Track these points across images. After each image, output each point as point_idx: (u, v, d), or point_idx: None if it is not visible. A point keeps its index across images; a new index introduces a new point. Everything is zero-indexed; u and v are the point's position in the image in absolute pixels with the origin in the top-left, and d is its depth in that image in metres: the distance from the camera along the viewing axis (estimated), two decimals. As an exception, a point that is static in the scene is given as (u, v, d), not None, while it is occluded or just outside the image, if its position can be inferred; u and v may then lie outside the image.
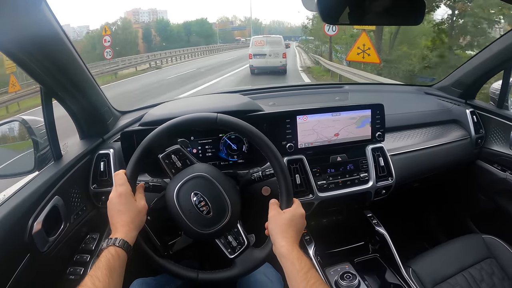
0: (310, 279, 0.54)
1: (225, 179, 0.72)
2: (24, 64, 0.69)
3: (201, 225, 0.67)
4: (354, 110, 0.95)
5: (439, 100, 1.29)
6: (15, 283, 0.61)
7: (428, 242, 1.32)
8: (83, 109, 0.88)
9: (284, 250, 0.59)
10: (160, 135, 0.68)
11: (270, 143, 0.68)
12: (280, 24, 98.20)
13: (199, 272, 0.67)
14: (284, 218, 0.64)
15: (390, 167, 1.00)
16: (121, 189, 0.63)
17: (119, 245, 0.57)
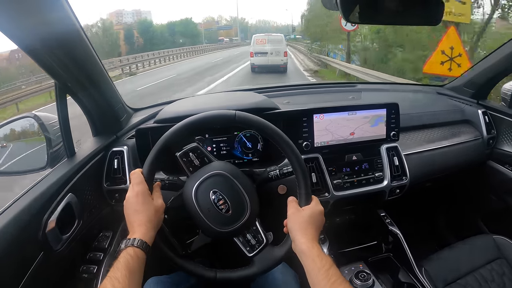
0: (332, 276, 0.53)
1: (243, 177, 0.71)
2: (41, 59, 0.68)
3: (220, 223, 0.66)
4: (370, 109, 0.95)
5: (451, 100, 1.29)
6: (29, 282, 0.61)
7: (439, 242, 1.32)
8: (98, 106, 0.87)
9: (305, 247, 0.58)
10: (179, 132, 0.67)
11: (289, 140, 0.68)
12: (266, 24, 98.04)
13: (218, 271, 0.66)
14: (304, 216, 0.63)
15: (404, 166, 0.99)
16: (138, 188, 0.62)
17: (138, 246, 0.56)
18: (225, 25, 72.79)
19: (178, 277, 0.82)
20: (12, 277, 0.58)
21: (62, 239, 0.71)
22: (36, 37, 0.63)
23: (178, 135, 0.67)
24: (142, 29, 43.65)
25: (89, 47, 0.75)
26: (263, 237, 0.68)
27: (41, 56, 0.67)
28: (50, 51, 0.67)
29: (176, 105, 0.98)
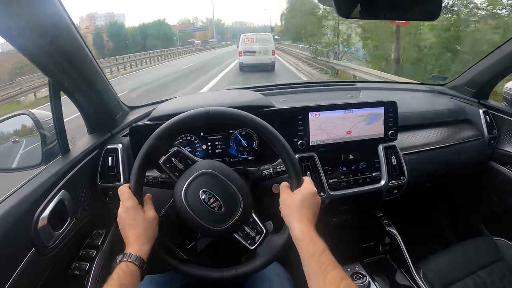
0: (323, 262, 0.52)
1: (230, 172, 0.70)
2: (32, 56, 0.68)
3: (216, 222, 0.65)
4: (367, 108, 0.93)
5: (452, 100, 1.27)
6: (19, 277, 0.60)
7: (438, 243, 1.30)
8: (92, 103, 0.87)
9: (298, 232, 0.58)
10: (158, 139, 0.66)
11: (266, 124, 0.67)
12: (242, 25, 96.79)
13: (224, 270, 0.65)
14: (295, 200, 0.62)
15: (402, 166, 0.98)
16: (128, 203, 0.62)
17: (131, 260, 0.56)
18: (201, 26, 70.07)
19: (171, 276, 0.81)
20: (2, 272, 0.58)
21: (54, 235, 0.71)
22: (28, 36, 0.62)
23: (158, 142, 0.66)
24: (112, 32, 40.68)
25: (81, 44, 0.75)
26: (262, 228, 0.67)
27: (35, 55, 0.67)
28: (43, 50, 0.67)
29: (170, 103, 0.97)
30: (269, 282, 0.76)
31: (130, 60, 15.24)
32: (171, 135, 0.68)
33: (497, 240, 1.05)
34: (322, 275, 0.51)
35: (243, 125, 0.68)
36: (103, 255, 0.85)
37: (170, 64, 16.77)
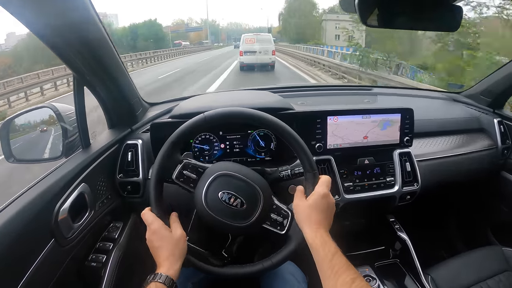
0: (335, 266, 0.53)
1: (240, 167, 0.71)
2: (60, 51, 0.69)
3: (242, 218, 0.66)
4: (384, 114, 0.94)
5: (467, 108, 1.27)
6: (39, 267, 0.62)
7: (446, 251, 1.31)
8: (114, 99, 0.88)
9: (308, 238, 0.59)
10: (164, 159, 0.67)
11: (281, 123, 0.68)
12: (238, 26, 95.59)
13: (263, 262, 0.66)
14: (306, 205, 0.63)
15: (416, 172, 0.98)
16: (154, 226, 0.63)
17: (161, 281, 0.57)
18: (195, 27, 68.60)
19: (187, 271, 0.83)
20: (22, 262, 0.60)
21: (73, 227, 0.72)
22: (57, 31, 0.64)
23: (165, 160, 0.67)
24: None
25: (108, 41, 0.76)
26: (287, 211, 0.68)
27: (62, 50, 0.68)
28: (71, 45, 0.69)
29: (192, 101, 0.98)
30: (284, 281, 0.77)
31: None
32: (177, 149, 0.68)
33: (505, 250, 1.05)
34: (334, 277, 0.52)
35: (249, 121, 0.69)
36: (120, 248, 0.87)
37: (149, 70, 14.42)
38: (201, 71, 11.79)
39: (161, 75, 11.51)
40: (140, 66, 15.87)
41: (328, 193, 0.64)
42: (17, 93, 8.71)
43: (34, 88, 9.41)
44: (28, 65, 15.45)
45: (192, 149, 0.90)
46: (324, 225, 0.61)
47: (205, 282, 0.84)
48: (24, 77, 9.69)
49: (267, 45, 11.10)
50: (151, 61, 18.01)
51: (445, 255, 1.27)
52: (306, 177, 0.67)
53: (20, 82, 9.28)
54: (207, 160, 0.90)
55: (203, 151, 0.90)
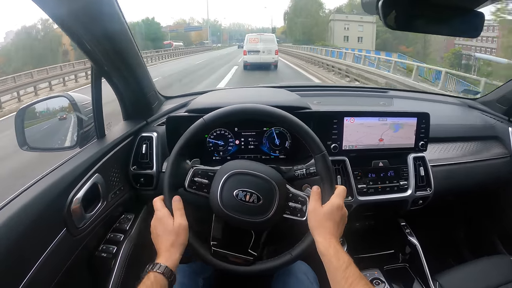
0: (349, 277, 0.53)
1: (250, 163, 0.72)
2: (80, 41, 0.69)
3: (261, 213, 0.66)
4: (401, 117, 0.93)
5: (482, 115, 1.25)
6: (50, 255, 0.62)
7: (454, 258, 1.30)
8: (131, 91, 0.88)
9: (321, 247, 0.59)
10: (175, 162, 0.67)
11: (299, 120, 0.68)
12: (240, 26, 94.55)
13: (292, 251, 0.67)
14: (321, 212, 0.63)
15: (430, 177, 0.98)
16: (159, 213, 0.64)
17: (160, 271, 0.57)
18: (195, 26, 66.18)
19: (197, 266, 0.83)
20: (34, 249, 0.60)
21: (85, 217, 0.72)
22: (80, 22, 0.64)
23: (175, 170, 0.67)
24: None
25: (128, 33, 0.76)
26: (304, 196, 0.69)
27: (81, 39, 0.68)
28: (93, 36, 0.69)
29: (208, 95, 0.98)
30: (298, 280, 0.77)
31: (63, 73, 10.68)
32: (185, 152, 0.69)
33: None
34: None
35: (255, 117, 0.69)
36: (131, 239, 0.87)
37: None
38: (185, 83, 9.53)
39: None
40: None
41: (343, 205, 0.64)
42: (9, 92, 8.51)
43: (29, 87, 9.21)
44: (17, 65, 14.90)
45: (207, 144, 0.89)
46: (336, 236, 0.61)
47: (215, 277, 0.84)
48: (17, 76, 9.50)
49: (270, 45, 11.41)
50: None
51: (453, 262, 1.26)
52: (324, 184, 0.67)
53: (13, 81, 9.09)
54: (221, 156, 0.90)
55: (218, 147, 0.90)
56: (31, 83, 9.45)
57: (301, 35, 36.08)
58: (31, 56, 10.57)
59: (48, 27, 28.23)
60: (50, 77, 10.26)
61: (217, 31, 75.83)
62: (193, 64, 14.86)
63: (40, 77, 10.10)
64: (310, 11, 37.39)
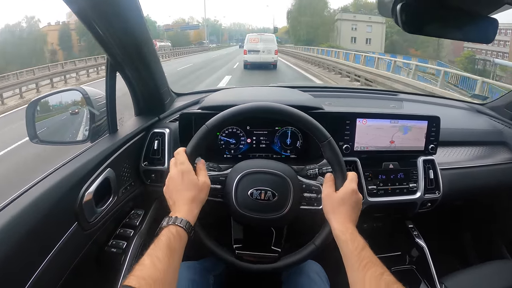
0: (364, 259, 0.53)
1: (258, 161, 0.72)
2: (98, 34, 0.69)
3: (278, 209, 0.66)
4: (412, 120, 0.94)
5: (491, 120, 1.26)
6: (61, 249, 0.62)
7: (460, 261, 1.31)
8: (145, 86, 0.88)
9: (338, 232, 0.59)
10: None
11: (305, 115, 0.68)
12: (240, 26, 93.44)
13: (315, 240, 0.67)
14: (336, 198, 0.63)
15: (439, 180, 0.98)
16: (183, 167, 0.61)
17: (181, 225, 0.55)
18: (192, 25, 62.71)
19: (208, 263, 0.83)
20: (46, 242, 0.60)
21: (96, 211, 0.72)
22: (98, 13, 0.64)
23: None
24: (82, 28, 30.60)
25: (146, 28, 0.76)
26: (317, 185, 0.69)
27: (100, 32, 0.68)
28: (110, 27, 0.69)
29: (222, 93, 0.98)
30: (310, 279, 0.77)
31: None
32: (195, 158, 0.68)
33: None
34: (362, 271, 0.52)
35: (258, 114, 0.69)
36: (141, 235, 0.87)
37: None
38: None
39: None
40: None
41: (357, 190, 0.64)
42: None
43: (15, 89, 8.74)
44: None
45: (218, 141, 0.89)
46: (352, 219, 0.61)
47: (226, 274, 0.84)
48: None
49: (270, 45, 11.66)
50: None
51: (458, 265, 1.27)
52: (335, 171, 0.67)
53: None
54: (232, 154, 0.90)
55: (229, 145, 0.90)
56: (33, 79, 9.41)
57: (305, 35, 34.11)
58: (16, 55, 10.25)
59: (33, 25, 27.70)
60: (51, 74, 10.19)
61: (217, 30, 74.25)
62: (174, 72, 12.09)
63: (42, 74, 10.04)
64: (316, 10, 35.03)
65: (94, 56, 12.91)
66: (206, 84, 9.17)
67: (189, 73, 11.64)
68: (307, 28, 34.74)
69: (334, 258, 0.67)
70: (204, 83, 9.29)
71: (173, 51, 27.14)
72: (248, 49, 11.71)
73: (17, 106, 7.67)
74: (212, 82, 9.51)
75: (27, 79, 9.37)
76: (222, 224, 0.73)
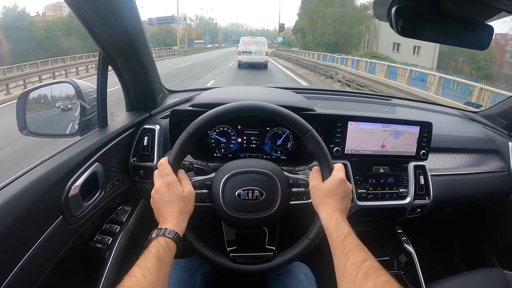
0: (346, 246, 0.53)
1: (242, 160, 0.72)
2: (91, 26, 0.69)
3: (268, 207, 0.66)
4: (404, 125, 0.94)
5: (483, 128, 1.27)
6: (44, 242, 0.61)
7: (447, 268, 1.31)
8: (137, 81, 0.87)
9: (324, 222, 0.60)
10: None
11: (288, 111, 0.67)
12: (239, 27, 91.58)
13: (308, 234, 0.66)
14: (323, 188, 0.63)
15: (429, 186, 0.98)
16: (168, 179, 0.61)
17: (170, 236, 0.55)
18: (188, 24, 56.60)
19: (195, 262, 0.82)
20: (29, 235, 0.59)
21: (82, 206, 0.71)
22: (92, 6, 0.64)
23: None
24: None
25: (139, 22, 0.76)
26: (305, 179, 0.69)
27: (92, 24, 0.68)
28: (105, 22, 0.68)
29: (214, 91, 0.98)
30: (296, 280, 0.77)
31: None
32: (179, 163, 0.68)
33: (507, 274, 1.04)
34: (344, 258, 0.52)
35: (236, 114, 0.68)
36: (127, 231, 0.86)
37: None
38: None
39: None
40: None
41: (345, 179, 0.63)
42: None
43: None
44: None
45: (209, 140, 0.89)
46: (340, 209, 0.61)
47: (213, 273, 0.84)
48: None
49: (262, 47, 13.19)
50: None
51: (445, 272, 1.27)
52: (321, 162, 0.66)
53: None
54: (222, 153, 0.90)
55: (220, 143, 0.89)
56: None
57: (331, 36, 21.83)
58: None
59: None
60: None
61: (212, 29, 69.42)
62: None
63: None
64: (343, 1, 22.83)
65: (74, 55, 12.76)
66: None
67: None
68: (334, 25, 21.97)
69: (322, 260, 0.67)
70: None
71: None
72: (242, 50, 13.14)
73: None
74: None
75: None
76: (214, 227, 0.73)
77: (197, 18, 69.39)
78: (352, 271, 0.49)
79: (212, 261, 0.67)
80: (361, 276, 0.47)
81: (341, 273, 0.51)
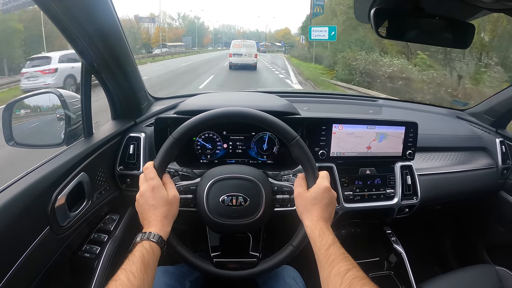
0: (330, 256, 0.53)
1: (226, 166, 0.72)
2: (70, 35, 0.69)
3: (251, 213, 0.66)
4: (389, 126, 0.94)
5: (470, 126, 1.27)
6: (32, 253, 0.61)
7: (439, 266, 1.31)
8: (121, 90, 0.87)
9: (308, 230, 0.60)
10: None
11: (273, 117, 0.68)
12: (230, 28, 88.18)
13: (292, 241, 0.66)
14: (308, 197, 0.63)
15: (416, 186, 0.99)
16: (153, 182, 0.62)
17: (154, 240, 0.56)
18: (170, 24, 51.33)
19: (184, 268, 0.82)
20: (16, 247, 0.59)
21: (69, 216, 0.72)
22: (69, 14, 0.64)
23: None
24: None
25: (120, 29, 0.76)
26: (289, 185, 0.69)
27: (72, 33, 0.68)
28: (83, 31, 0.68)
29: (198, 98, 0.98)
30: (285, 284, 0.77)
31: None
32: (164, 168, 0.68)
33: (499, 270, 1.05)
34: (328, 267, 0.52)
35: (222, 120, 0.69)
36: (115, 240, 0.86)
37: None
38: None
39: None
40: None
41: (329, 187, 0.64)
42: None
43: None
44: None
45: (195, 146, 0.89)
46: (325, 217, 0.61)
47: (202, 279, 0.84)
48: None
49: (251, 50, 14.11)
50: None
51: (438, 270, 1.27)
52: (306, 169, 0.66)
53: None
54: (208, 159, 0.90)
55: (205, 149, 0.90)
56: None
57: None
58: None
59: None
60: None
61: (198, 30, 61.34)
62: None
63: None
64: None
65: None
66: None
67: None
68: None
69: (310, 263, 0.67)
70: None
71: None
72: (233, 52, 14.07)
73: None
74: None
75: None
76: (198, 232, 0.73)
77: (179, 16, 60.77)
78: (336, 281, 0.49)
79: (194, 266, 0.67)
80: (345, 287, 0.47)
81: (325, 283, 0.51)
